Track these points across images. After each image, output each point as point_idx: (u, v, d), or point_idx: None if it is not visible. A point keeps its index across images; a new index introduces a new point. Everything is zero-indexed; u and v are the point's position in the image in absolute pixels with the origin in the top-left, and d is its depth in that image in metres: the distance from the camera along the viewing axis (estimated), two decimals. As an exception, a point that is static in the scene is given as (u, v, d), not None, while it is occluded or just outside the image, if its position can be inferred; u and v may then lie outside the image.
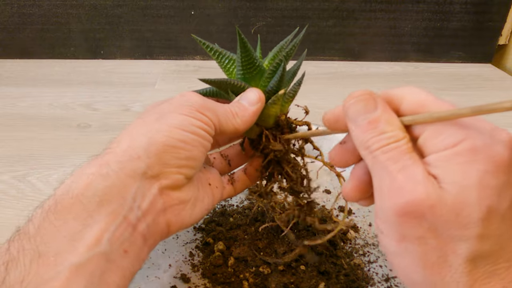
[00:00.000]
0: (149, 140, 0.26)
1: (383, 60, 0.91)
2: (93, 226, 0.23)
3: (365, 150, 0.24)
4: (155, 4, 0.84)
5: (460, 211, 0.20)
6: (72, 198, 0.24)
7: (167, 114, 0.28)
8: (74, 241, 0.23)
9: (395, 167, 0.22)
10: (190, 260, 0.38)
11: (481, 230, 0.20)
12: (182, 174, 0.28)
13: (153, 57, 0.91)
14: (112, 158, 0.26)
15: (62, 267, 0.22)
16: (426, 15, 0.86)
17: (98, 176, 0.25)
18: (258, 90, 0.31)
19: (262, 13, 0.85)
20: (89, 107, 0.70)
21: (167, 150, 0.26)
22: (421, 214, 0.21)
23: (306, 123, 0.34)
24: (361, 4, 0.85)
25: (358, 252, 0.39)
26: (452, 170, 0.21)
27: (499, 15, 0.86)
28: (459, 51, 0.91)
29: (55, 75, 0.83)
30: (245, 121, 0.30)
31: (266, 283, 0.35)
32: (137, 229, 0.25)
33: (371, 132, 0.23)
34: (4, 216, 0.45)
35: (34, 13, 0.85)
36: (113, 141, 0.27)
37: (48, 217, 0.23)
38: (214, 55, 0.33)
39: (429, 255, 0.22)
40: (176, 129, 0.27)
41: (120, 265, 0.24)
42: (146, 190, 0.26)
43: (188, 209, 0.29)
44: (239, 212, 0.43)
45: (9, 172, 0.52)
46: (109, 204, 0.24)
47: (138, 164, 0.25)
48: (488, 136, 0.21)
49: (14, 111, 0.69)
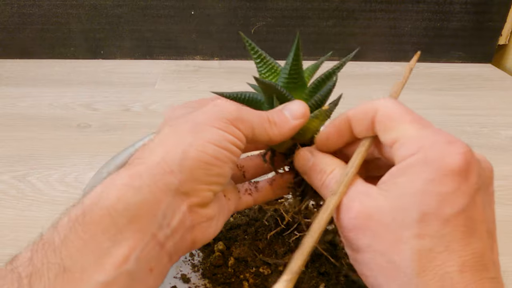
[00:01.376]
0: (183, 154, 0.25)
1: (383, 60, 0.92)
2: (122, 243, 0.22)
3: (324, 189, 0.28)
4: (155, 4, 0.84)
5: (398, 215, 0.22)
6: (101, 210, 0.22)
7: (201, 126, 0.26)
8: (102, 258, 0.22)
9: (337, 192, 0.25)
10: (190, 260, 0.38)
11: (418, 230, 0.21)
12: (211, 191, 0.26)
13: (153, 57, 0.91)
14: (143, 170, 0.24)
15: (88, 285, 0.21)
16: (426, 15, 0.86)
17: (130, 188, 0.23)
18: (305, 104, 0.29)
19: (262, 13, 0.85)
20: (89, 107, 0.70)
21: (200, 166, 0.25)
22: (365, 225, 0.23)
23: None
24: (361, 4, 0.85)
25: (358, 252, 0.39)
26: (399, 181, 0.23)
27: (499, 15, 0.86)
28: (459, 51, 0.91)
29: (55, 75, 0.83)
30: (283, 133, 0.29)
31: (266, 284, 0.35)
32: (164, 248, 0.24)
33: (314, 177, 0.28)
34: (4, 216, 0.45)
35: (34, 13, 0.85)
36: (144, 150, 0.26)
37: (75, 227, 0.22)
38: (258, 58, 0.31)
39: (378, 260, 0.23)
40: (210, 144, 0.26)
41: (144, 283, 0.23)
42: (176, 207, 0.25)
43: (213, 225, 0.28)
44: (239, 212, 0.43)
45: (9, 172, 0.52)
46: (140, 219, 0.23)
47: (171, 179, 0.24)
48: (441, 148, 0.22)
49: (14, 111, 0.69)
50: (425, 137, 0.23)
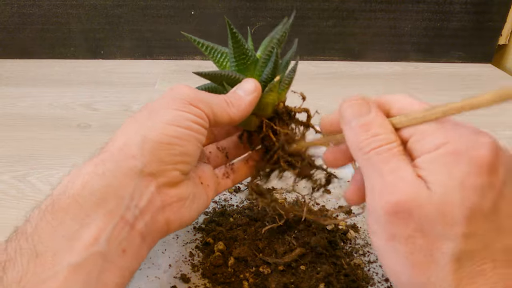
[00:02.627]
0: (143, 138, 0.26)
1: (383, 60, 0.91)
2: (90, 226, 0.23)
3: (358, 151, 0.25)
4: (155, 4, 0.84)
5: (445, 211, 0.21)
6: (69, 198, 0.24)
7: (159, 110, 0.28)
8: (72, 240, 0.23)
9: (387, 168, 0.23)
10: (190, 260, 0.38)
11: (465, 229, 0.21)
12: (178, 170, 0.28)
13: (153, 57, 0.91)
14: (107, 157, 0.26)
15: (60, 267, 0.22)
16: (426, 15, 0.86)
17: (94, 176, 0.25)
18: (254, 79, 0.31)
19: (262, 13, 0.85)
20: (89, 107, 0.70)
21: (162, 148, 0.26)
22: (409, 214, 0.22)
23: (305, 109, 0.35)
24: (361, 4, 0.85)
25: (358, 252, 0.39)
26: (437, 171, 0.22)
27: (499, 15, 0.86)
28: (459, 51, 0.91)
29: (55, 75, 0.83)
30: (241, 110, 0.30)
31: (266, 283, 0.35)
32: (135, 228, 0.25)
33: (364, 134, 0.24)
34: (4, 216, 0.45)
35: (34, 13, 0.85)
36: (109, 141, 0.27)
37: (45, 216, 0.23)
38: (206, 51, 0.33)
39: (416, 254, 0.22)
40: (169, 125, 0.27)
41: (119, 265, 0.24)
42: (144, 188, 0.26)
43: (187, 206, 0.29)
44: (239, 212, 0.43)
45: (9, 172, 0.52)
46: (106, 203, 0.24)
47: (133, 162, 0.25)
48: (470, 139, 0.22)
49: (14, 111, 0.69)
50: (451, 129, 0.23)
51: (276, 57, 0.31)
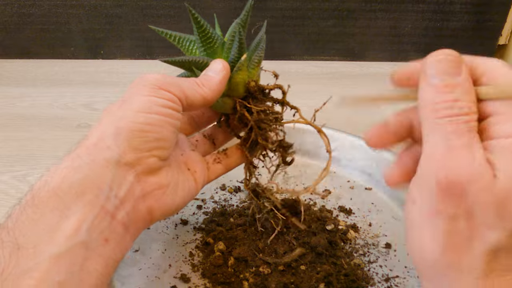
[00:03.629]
0: (116, 129, 0.26)
1: (383, 60, 0.91)
2: (70, 217, 0.23)
3: (431, 113, 0.22)
4: (155, 4, 0.84)
5: (505, 202, 0.20)
6: (48, 191, 0.24)
7: (129, 99, 0.28)
8: (53, 232, 0.23)
9: (458, 141, 0.21)
10: (190, 260, 0.38)
11: None
12: (155, 156, 0.28)
13: (153, 57, 0.91)
14: (83, 151, 0.26)
15: (42, 258, 0.22)
16: (426, 15, 0.86)
17: (72, 169, 0.25)
18: (221, 59, 0.32)
19: (262, 13, 0.85)
20: (89, 107, 0.70)
21: (135, 135, 0.26)
22: (464, 193, 0.21)
23: (278, 86, 0.34)
24: (361, 4, 0.85)
25: (358, 252, 0.39)
26: (509, 160, 0.20)
27: (499, 15, 0.86)
28: (459, 51, 0.91)
29: (55, 75, 0.83)
30: (213, 90, 0.31)
31: (266, 283, 0.35)
32: (115, 218, 0.25)
33: (445, 95, 0.22)
34: (4, 216, 0.45)
35: (34, 13, 0.85)
36: (85, 136, 0.28)
37: (26, 210, 0.23)
38: (174, 41, 0.34)
39: (455, 235, 0.21)
40: (140, 112, 0.27)
41: (102, 254, 0.24)
42: (122, 178, 0.26)
43: (169, 193, 0.29)
44: (239, 212, 0.43)
45: (9, 172, 0.52)
46: (85, 195, 0.24)
47: (109, 153, 0.26)
48: None
49: (14, 111, 0.69)
50: None
51: (240, 37, 0.31)
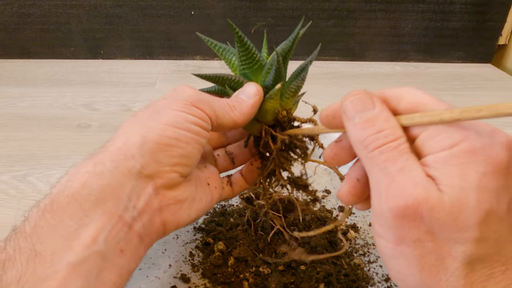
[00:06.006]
0: (142, 139, 0.26)
1: (383, 60, 0.91)
2: (89, 225, 0.23)
3: (362, 149, 0.23)
4: (155, 4, 0.84)
5: (458, 214, 0.20)
6: (67, 196, 0.24)
7: (160, 111, 0.27)
8: (71, 240, 0.23)
9: (394, 168, 0.21)
10: (190, 260, 0.38)
11: (478, 234, 0.20)
12: (176, 172, 0.27)
13: (153, 57, 0.91)
14: (106, 157, 0.25)
15: (59, 266, 0.22)
16: (426, 15, 0.86)
17: (93, 175, 0.24)
18: (256, 83, 0.31)
19: (262, 13, 0.85)
20: (89, 107, 0.70)
21: (160, 149, 0.26)
22: (419, 217, 0.21)
23: (311, 120, 0.33)
24: (361, 4, 0.85)
25: (358, 252, 0.39)
26: (450, 171, 0.20)
27: (499, 15, 0.86)
28: (459, 51, 0.91)
29: (55, 75, 0.83)
30: (243, 113, 0.30)
31: (266, 283, 0.35)
32: (132, 229, 0.25)
33: (368, 130, 0.23)
34: (5, 216, 0.45)
35: (34, 13, 0.85)
36: (109, 140, 0.27)
37: (44, 216, 0.23)
38: (219, 51, 0.33)
39: (425, 258, 0.21)
40: (169, 126, 0.26)
41: (117, 264, 0.24)
42: (141, 189, 0.26)
43: (185, 208, 0.29)
44: (239, 212, 0.43)
45: (9, 172, 0.52)
46: (105, 203, 0.24)
47: (132, 163, 0.25)
48: (486, 137, 0.21)
49: (14, 111, 0.69)
50: (465, 127, 0.21)
51: (278, 65, 0.30)
